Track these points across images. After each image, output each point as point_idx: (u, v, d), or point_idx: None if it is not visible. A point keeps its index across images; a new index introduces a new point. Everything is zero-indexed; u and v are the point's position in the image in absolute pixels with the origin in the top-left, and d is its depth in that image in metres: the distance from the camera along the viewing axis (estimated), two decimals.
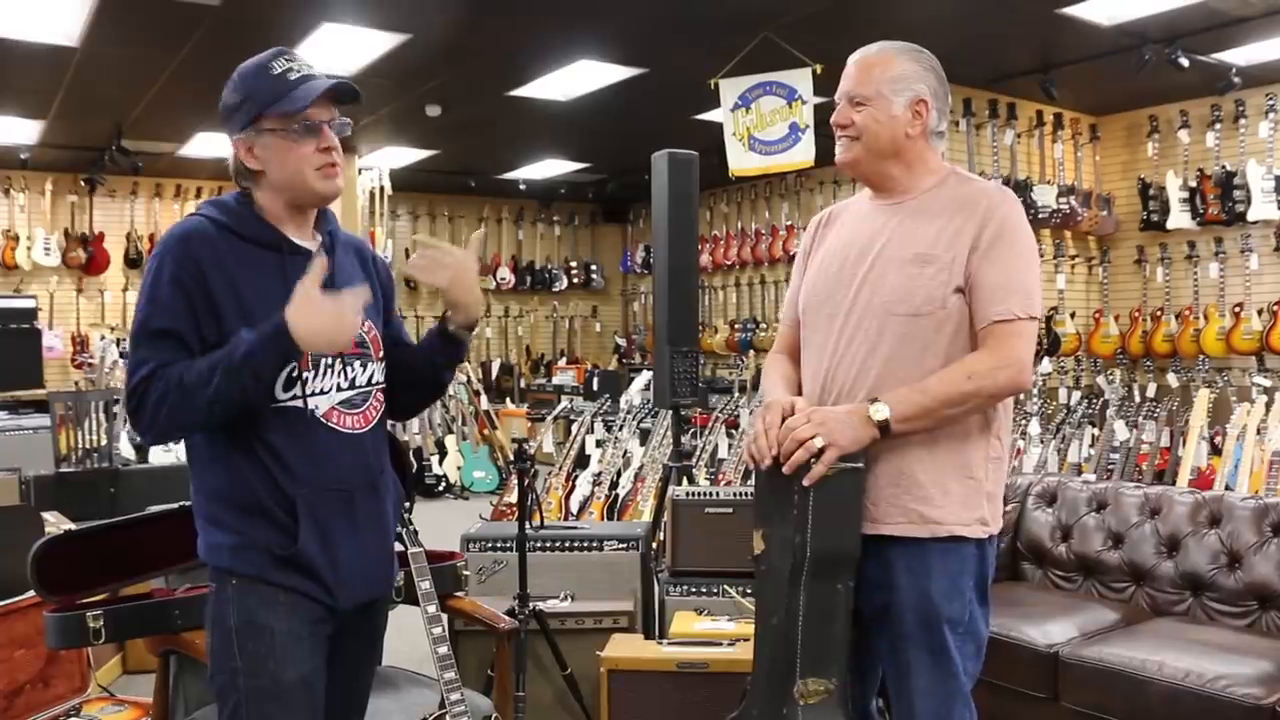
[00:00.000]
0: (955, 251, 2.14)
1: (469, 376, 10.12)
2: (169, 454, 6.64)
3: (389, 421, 2.20)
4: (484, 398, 10.10)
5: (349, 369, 2.02)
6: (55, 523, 4.34)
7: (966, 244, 2.14)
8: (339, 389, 2.01)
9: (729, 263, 11.23)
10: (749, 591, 3.53)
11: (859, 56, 2.27)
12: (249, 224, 1.97)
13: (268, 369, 1.85)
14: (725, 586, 3.79)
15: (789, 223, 10.61)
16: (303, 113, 1.92)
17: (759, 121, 6.83)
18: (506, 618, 3.03)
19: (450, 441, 9.68)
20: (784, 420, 2.13)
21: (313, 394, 1.96)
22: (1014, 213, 2.18)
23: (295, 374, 1.94)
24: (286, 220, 2.01)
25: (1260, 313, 7.56)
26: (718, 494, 4.02)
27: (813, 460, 2.06)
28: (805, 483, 2.07)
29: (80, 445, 6.69)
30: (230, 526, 1.94)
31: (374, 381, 2.08)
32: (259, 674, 1.92)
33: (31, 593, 3.31)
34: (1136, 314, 8.41)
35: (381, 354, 2.11)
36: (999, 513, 2.24)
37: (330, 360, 1.99)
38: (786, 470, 2.09)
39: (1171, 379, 7.94)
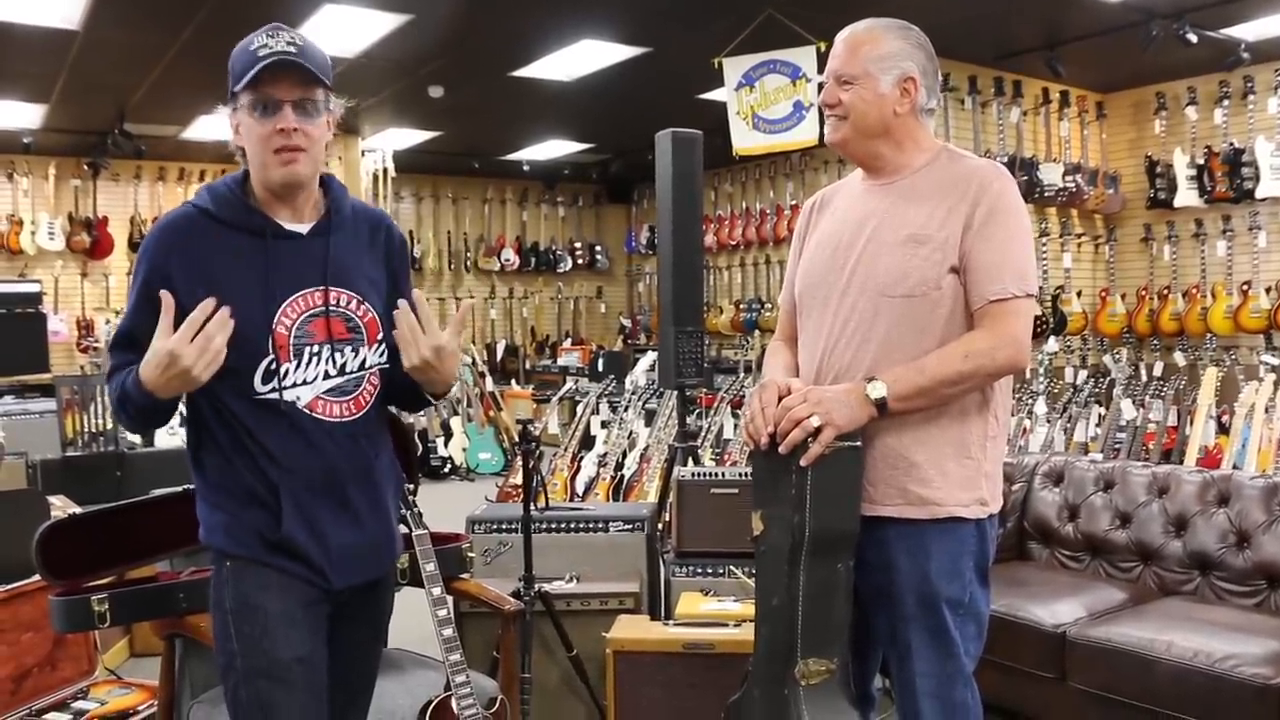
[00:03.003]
0: (949, 231, 2.12)
1: (474, 358, 10.12)
2: (174, 437, 6.65)
3: None
4: (489, 379, 10.10)
5: (337, 355, 1.97)
6: (62, 506, 4.34)
7: (960, 223, 2.12)
8: (326, 376, 1.96)
9: (734, 243, 11.18)
10: (754, 572, 3.53)
11: (846, 35, 2.25)
12: (235, 210, 1.94)
13: (143, 412, 1.86)
14: (731, 567, 3.78)
15: (794, 202, 10.57)
16: (258, 90, 1.86)
17: (763, 100, 6.80)
18: (512, 599, 3.03)
19: (455, 423, 9.68)
20: (780, 400, 2.11)
21: (294, 385, 1.93)
22: (1007, 189, 2.15)
23: (273, 366, 1.91)
24: (269, 202, 1.96)
25: (1268, 291, 7.52)
26: (723, 474, 4.01)
27: (810, 440, 2.05)
28: (803, 462, 2.06)
29: (86, 429, 6.72)
30: (225, 509, 1.95)
31: (367, 366, 2.02)
32: (254, 654, 1.92)
33: (38, 576, 3.31)
34: (1143, 292, 8.37)
35: (380, 336, 2.02)
36: (998, 491, 2.22)
37: (316, 349, 1.95)
38: (783, 450, 2.08)
39: (1178, 358, 7.91)
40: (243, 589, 1.93)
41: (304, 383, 1.94)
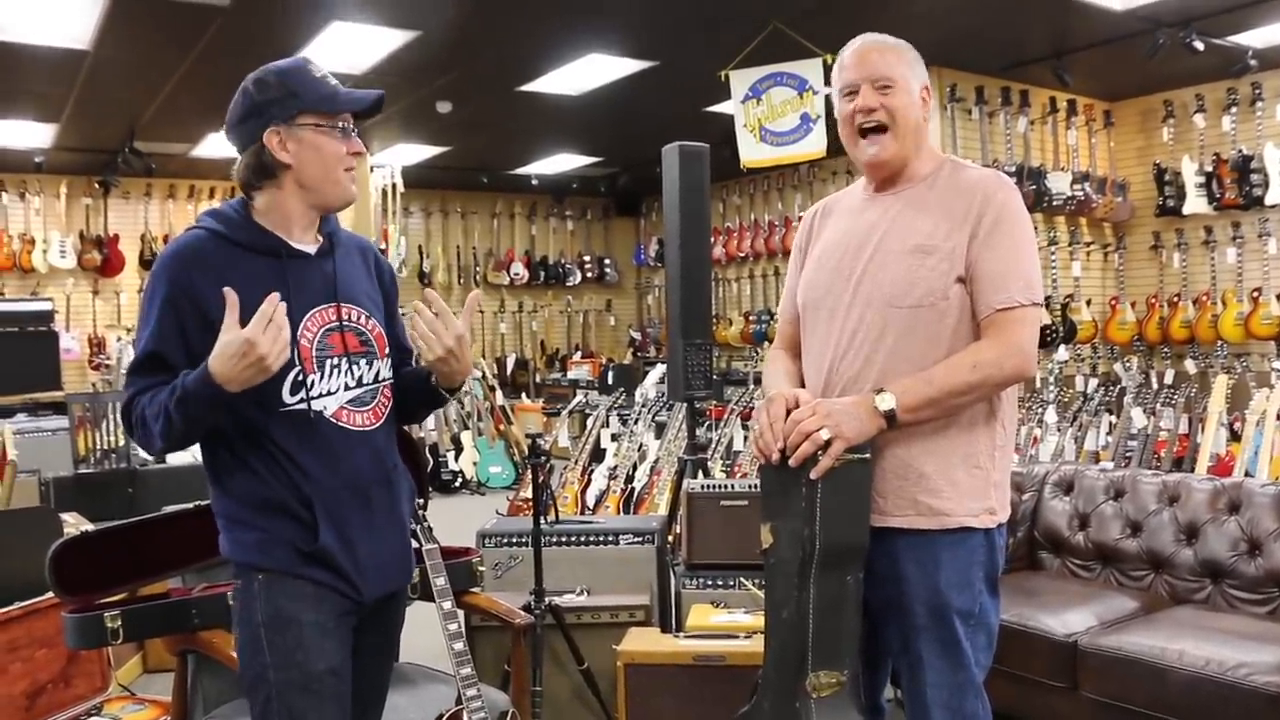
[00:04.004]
0: (955, 241, 2.12)
1: (484, 372, 10.14)
2: (186, 454, 6.67)
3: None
4: (499, 393, 10.11)
5: (355, 368, 2.04)
6: (74, 523, 4.36)
7: (966, 233, 2.12)
8: (346, 388, 2.02)
9: (742, 255, 11.20)
10: (764, 585, 3.53)
11: (869, 44, 2.23)
12: (247, 231, 1.99)
13: (203, 411, 1.85)
14: (741, 579, 3.79)
15: (802, 214, 10.56)
16: (343, 114, 2.00)
17: (770, 113, 6.82)
18: (522, 613, 3.03)
19: (466, 437, 9.69)
20: (789, 413, 2.11)
21: (320, 396, 1.98)
22: (1012, 199, 2.16)
23: (300, 378, 1.95)
24: (295, 222, 2.02)
25: (1279, 297, 7.50)
26: (733, 486, 4.02)
27: (819, 453, 2.05)
28: (813, 475, 2.05)
29: (98, 446, 6.75)
30: (254, 524, 1.97)
31: (381, 378, 2.10)
32: (288, 667, 1.94)
33: (51, 593, 3.33)
34: (1153, 300, 8.35)
35: (387, 351, 2.12)
36: (1006, 500, 2.22)
37: (336, 360, 2.01)
38: (793, 463, 2.07)
39: (1189, 365, 7.89)
40: (276, 601, 1.95)
41: (328, 393, 2.00)
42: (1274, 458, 5.64)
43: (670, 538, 4.39)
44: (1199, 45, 6.59)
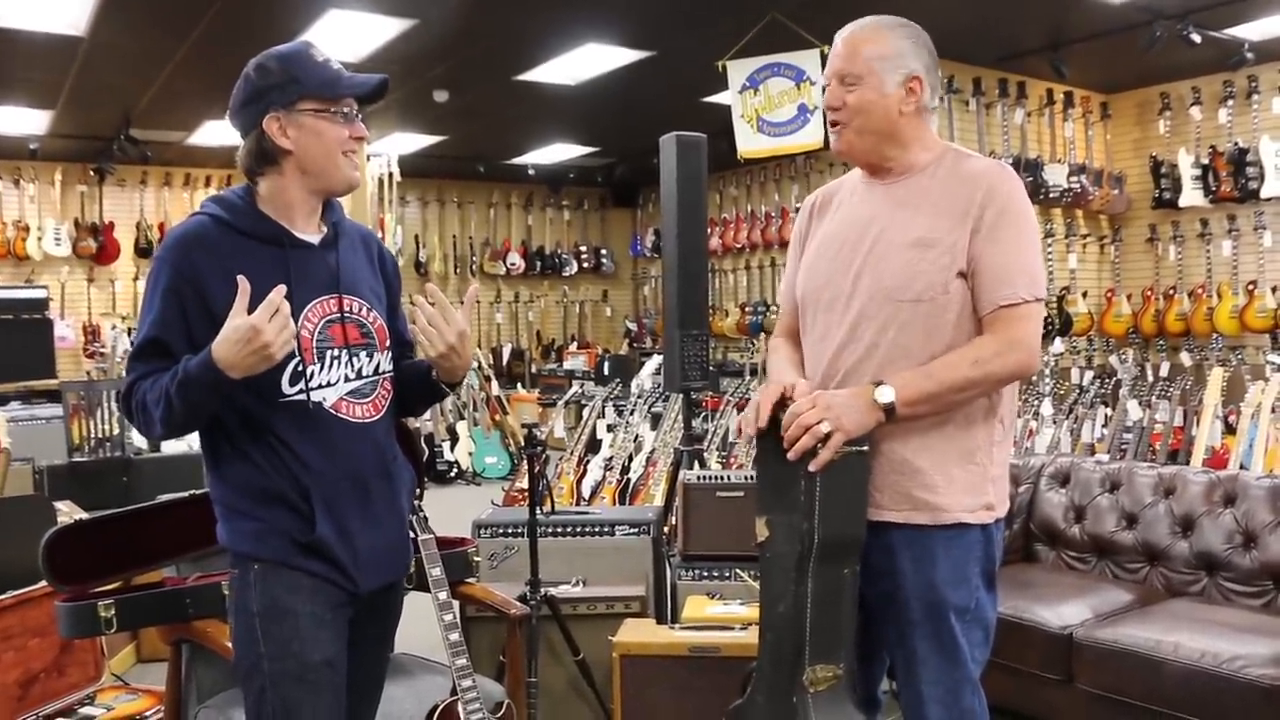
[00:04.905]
0: (957, 235, 2.09)
1: (480, 362, 10.13)
2: (181, 443, 6.66)
3: None
4: (495, 383, 10.09)
5: (355, 360, 2.03)
6: (68, 512, 4.35)
7: (969, 226, 2.08)
8: (346, 379, 2.01)
9: (739, 246, 11.20)
10: (759, 578, 3.52)
11: (847, 34, 2.20)
12: (251, 219, 1.98)
13: (204, 395, 1.84)
14: (737, 570, 3.78)
15: (799, 205, 10.56)
16: (345, 99, 1.99)
17: (767, 103, 6.80)
18: (518, 604, 3.02)
19: (462, 427, 9.68)
20: (784, 398, 2.10)
21: (319, 387, 1.98)
22: (1016, 191, 2.12)
23: (300, 368, 1.95)
24: (297, 209, 2.01)
25: (1274, 290, 7.51)
26: (729, 477, 4.01)
27: (819, 445, 2.03)
28: (812, 468, 2.03)
29: (93, 435, 6.73)
30: (251, 514, 1.96)
31: (381, 371, 2.09)
32: (283, 657, 1.93)
33: (45, 582, 3.32)
34: (1149, 293, 8.36)
35: (388, 344, 2.11)
36: (1005, 495, 2.20)
37: (336, 352, 2.00)
38: (792, 456, 2.05)
39: (1185, 358, 7.90)
40: (272, 592, 1.95)
41: (328, 384, 1.99)
42: (1269, 450, 5.65)
43: (666, 529, 4.39)
44: (1196, 38, 6.59)
